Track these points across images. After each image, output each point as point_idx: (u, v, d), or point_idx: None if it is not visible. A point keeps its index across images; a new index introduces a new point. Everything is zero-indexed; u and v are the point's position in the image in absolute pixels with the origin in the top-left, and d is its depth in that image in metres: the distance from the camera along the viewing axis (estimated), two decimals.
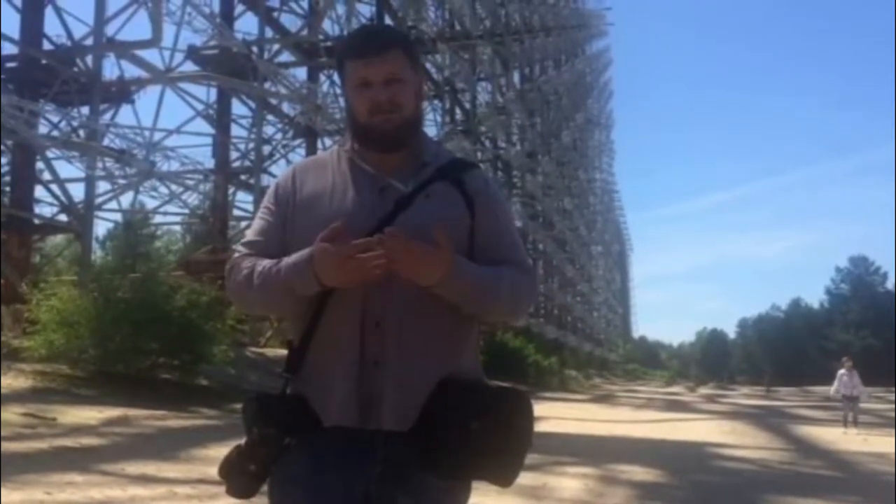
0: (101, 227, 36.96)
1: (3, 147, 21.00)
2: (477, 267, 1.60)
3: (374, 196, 1.65)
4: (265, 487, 1.64)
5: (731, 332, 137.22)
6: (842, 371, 17.86)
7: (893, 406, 24.06)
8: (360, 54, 1.67)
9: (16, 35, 20.94)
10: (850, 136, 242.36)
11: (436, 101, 37.78)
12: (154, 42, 21.24)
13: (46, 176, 21.93)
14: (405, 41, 1.73)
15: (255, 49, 25.47)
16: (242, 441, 1.62)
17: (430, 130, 33.52)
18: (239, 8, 27.34)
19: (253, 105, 27.43)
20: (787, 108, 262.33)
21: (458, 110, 40.81)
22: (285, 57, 29.59)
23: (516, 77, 50.55)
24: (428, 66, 34.36)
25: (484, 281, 1.60)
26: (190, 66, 25.93)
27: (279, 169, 28.43)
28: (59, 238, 28.23)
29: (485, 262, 1.65)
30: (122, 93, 24.15)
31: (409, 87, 1.68)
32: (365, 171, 1.68)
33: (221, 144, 26.06)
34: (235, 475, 1.61)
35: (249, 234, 1.73)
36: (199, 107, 27.64)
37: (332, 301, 1.59)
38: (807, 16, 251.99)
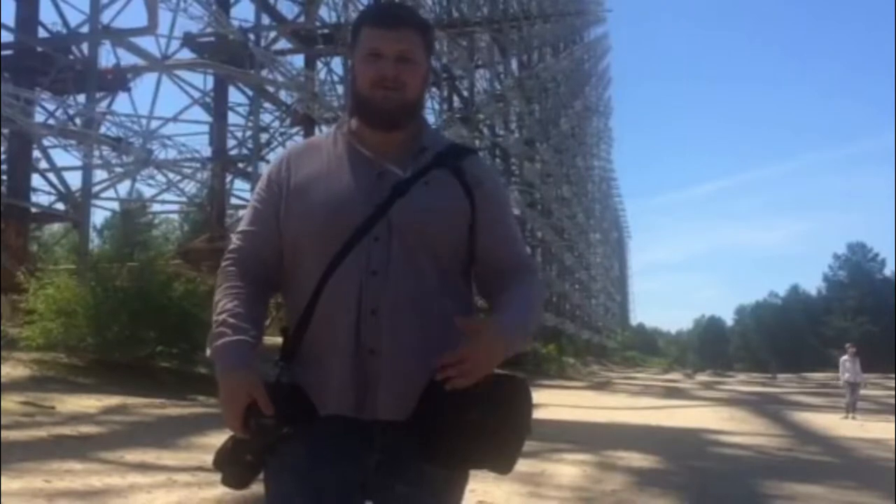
0: (98, 216, 36.98)
1: None
2: (512, 316, 1.58)
3: (372, 180, 1.63)
4: (261, 476, 1.63)
5: (729, 319, 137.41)
6: (845, 357, 17.84)
7: (893, 392, 24.12)
8: (378, 24, 1.65)
9: (11, 23, 20.86)
10: (849, 124, 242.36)
11: (434, 89, 37.65)
12: (150, 29, 21.16)
13: (43, 164, 21.87)
14: (425, 24, 1.72)
15: (251, 36, 25.37)
16: None
17: (429, 118, 33.35)
18: None
19: (250, 93, 27.33)
20: (786, 96, 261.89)
21: (456, 98, 40.71)
22: (282, 44, 29.47)
23: (514, 64, 50.34)
24: None
25: (524, 325, 1.60)
26: (186, 54, 25.86)
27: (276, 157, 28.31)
28: (56, 227, 28.23)
29: (485, 258, 1.67)
30: (119, 81, 24.04)
31: (419, 69, 1.66)
32: (362, 155, 1.66)
33: (218, 132, 25.96)
34: (231, 465, 1.60)
35: (243, 224, 1.72)
36: (196, 94, 27.58)
37: (327, 288, 1.57)
38: (805, 3, 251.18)
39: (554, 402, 16.74)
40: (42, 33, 21.64)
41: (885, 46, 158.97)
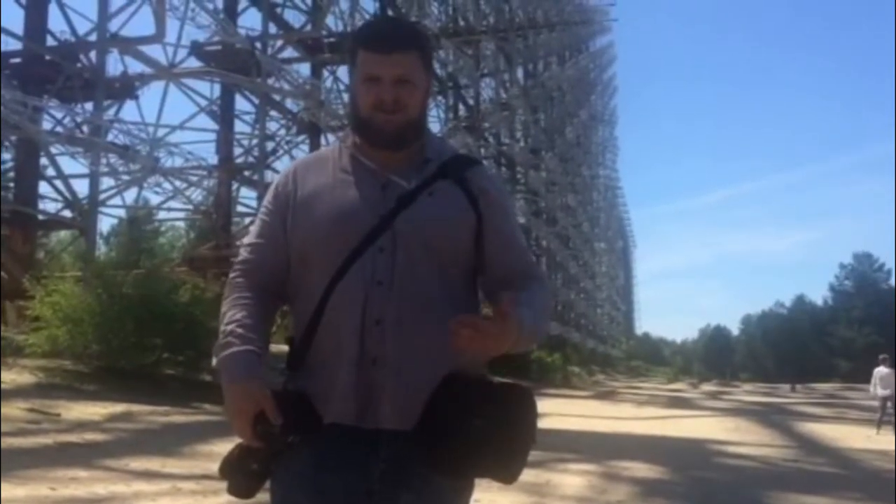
0: (104, 223, 37.05)
1: (6, 143, 21.06)
2: (527, 311, 1.56)
3: (377, 192, 1.64)
4: (268, 485, 1.64)
5: (735, 328, 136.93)
6: (884, 369, 16.47)
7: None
8: (374, 48, 1.64)
9: (20, 31, 21.01)
10: (855, 132, 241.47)
11: (439, 98, 37.78)
12: (157, 38, 21.29)
13: (50, 172, 21.99)
14: (423, 42, 1.69)
15: (258, 45, 25.49)
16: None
17: (434, 126, 33.48)
18: (242, 4, 27.40)
19: (256, 101, 27.44)
20: (791, 104, 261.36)
21: (461, 106, 40.84)
22: (289, 53, 29.63)
23: (520, 73, 50.48)
24: None
25: (535, 324, 1.59)
26: (193, 62, 26.04)
27: (282, 165, 28.48)
28: (63, 234, 28.35)
29: (491, 267, 1.67)
30: (126, 89, 24.22)
31: (418, 90, 1.65)
32: (367, 167, 1.67)
33: (225, 140, 26.11)
34: (237, 474, 1.60)
35: (251, 236, 1.72)
36: (203, 103, 27.76)
37: (333, 299, 1.58)
38: (810, 11, 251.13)
39: (559, 412, 16.70)
40: (50, 41, 21.79)
41: (887, 52, 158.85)
